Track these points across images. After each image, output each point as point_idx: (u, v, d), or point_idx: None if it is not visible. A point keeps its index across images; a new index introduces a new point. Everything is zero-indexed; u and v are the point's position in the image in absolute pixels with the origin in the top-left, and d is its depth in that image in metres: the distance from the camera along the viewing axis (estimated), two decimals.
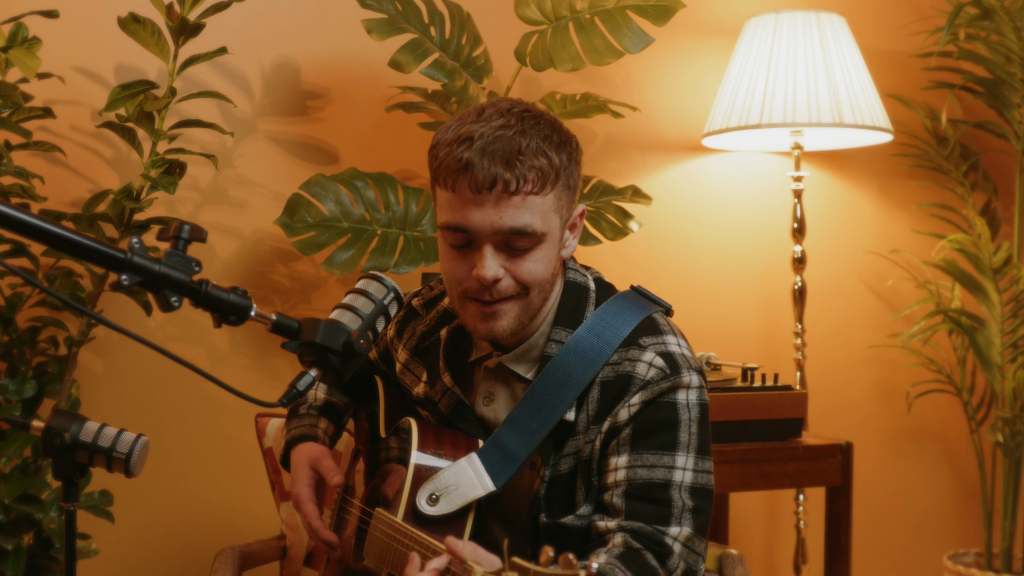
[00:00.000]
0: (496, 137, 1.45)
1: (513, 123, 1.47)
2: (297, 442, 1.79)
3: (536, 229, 1.47)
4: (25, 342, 2.36)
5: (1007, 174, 3.30)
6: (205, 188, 2.64)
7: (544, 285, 1.52)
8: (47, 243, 1.20)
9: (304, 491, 1.71)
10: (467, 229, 1.47)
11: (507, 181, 1.44)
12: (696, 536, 1.46)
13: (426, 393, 1.67)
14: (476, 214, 1.46)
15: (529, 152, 1.45)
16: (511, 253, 1.48)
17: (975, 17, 3.08)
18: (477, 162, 1.44)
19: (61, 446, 1.37)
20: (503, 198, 1.45)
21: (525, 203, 1.45)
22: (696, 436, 1.50)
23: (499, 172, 1.43)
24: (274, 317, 1.31)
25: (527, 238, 1.47)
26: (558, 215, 1.51)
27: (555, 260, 1.53)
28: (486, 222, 1.46)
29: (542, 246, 1.50)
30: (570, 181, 1.52)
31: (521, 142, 1.45)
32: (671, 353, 1.52)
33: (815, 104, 2.72)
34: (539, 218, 1.47)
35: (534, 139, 1.46)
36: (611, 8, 2.49)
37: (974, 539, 3.37)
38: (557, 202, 1.50)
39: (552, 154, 1.47)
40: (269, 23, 2.68)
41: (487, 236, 1.47)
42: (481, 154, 1.44)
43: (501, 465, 1.52)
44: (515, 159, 1.44)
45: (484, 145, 1.44)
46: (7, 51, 2.23)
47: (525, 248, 1.48)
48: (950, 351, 3.26)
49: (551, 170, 1.47)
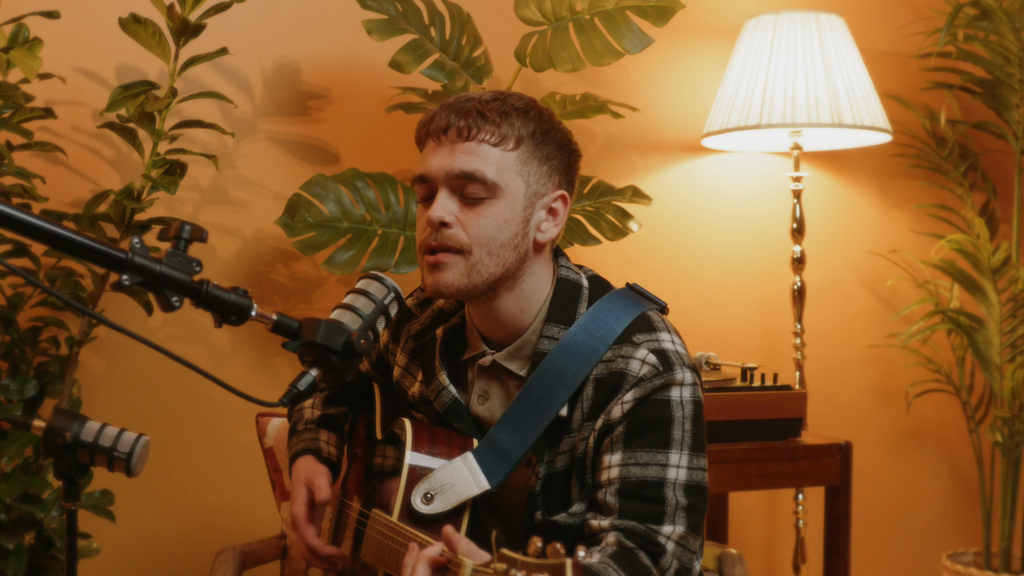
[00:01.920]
0: (467, 98, 1.55)
1: (493, 94, 1.56)
2: (298, 457, 1.79)
3: (486, 176, 1.50)
4: (26, 342, 2.37)
5: (1006, 174, 3.30)
6: (206, 188, 2.64)
7: (499, 249, 1.52)
8: (48, 243, 1.20)
9: (300, 511, 1.70)
10: (426, 176, 1.54)
11: (460, 128, 1.51)
12: (690, 534, 1.46)
13: (421, 393, 1.68)
14: (433, 160, 1.53)
15: (491, 109, 1.52)
16: (464, 202, 1.52)
17: (974, 18, 3.08)
18: (439, 113, 1.54)
19: (62, 446, 1.38)
20: (457, 142, 1.52)
21: (478, 149, 1.51)
22: (690, 433, 1.49)
23: (453, 119, 1.52)
24: (275, 317, 1.31)
25: (477, 184, 1.50)
26: (521, 179, 1.53)
27: (517, 226, 1.53)
28: (440, 165, 1.52)
29: (496, 202, 1.51)
30: (541, 153, 1.55)
31: (488, 100, 1.54)
32: (664, 350, 1.52)
33: (814, 104, 2.72)
34: (492, 168, 1.51)
35: (506, 103, 1.54)
36: (611, 9, 2.50)
37: (973, 538, 3.38)
38: (521, 165, 1.52)
39: (517, 118, 1.53)
40: (270, 24, 2.68)
41: (441, 180, 1.52)
42: (446, 109, 1.54)
43: (496, 464, 1.52)
44: (474, 109, 1.52)
45: (450, 103, 1.55)
46: (8, 52, 2.23)
47: (477, 197, 1.50)
48: (949, 351, 3.26)
49: (511, 129, 1.52)
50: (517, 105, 1.54)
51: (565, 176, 1.59)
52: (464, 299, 1.57)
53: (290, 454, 1.81)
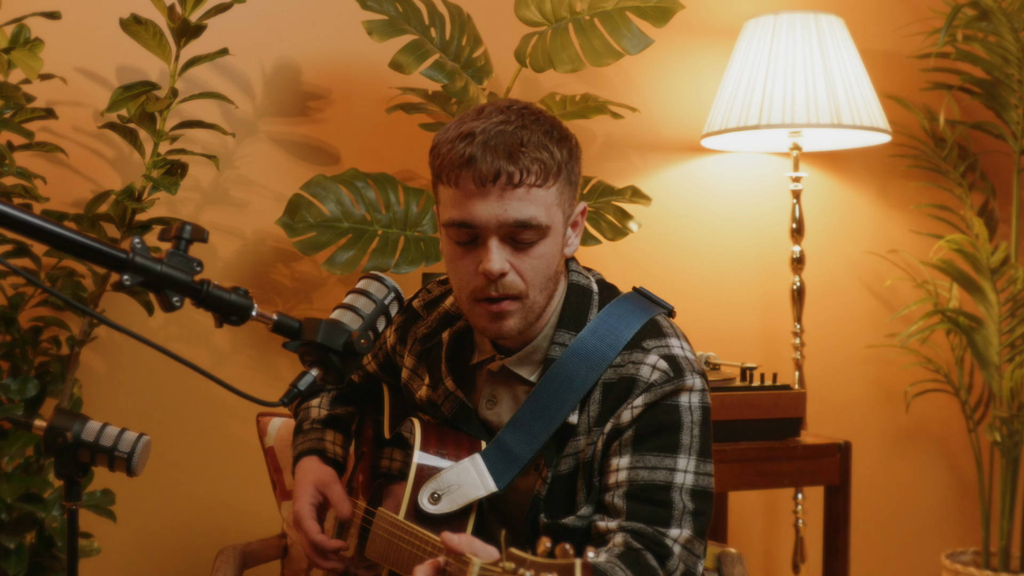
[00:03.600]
0: (498, 132, 1.46)
1: (513, 119, 1.48)
2: (303, 456, 1.79)
3: (541, 221, 1.47)
4: (27, 342, 2.37)
5: (1005, 175, 3.31)
6: (206, 188, 2.65)
7: (547, 283, 1.52)
8: (49, 243, 1.21)
9: (305, 508, 1.70)
10: (472, 224, 1.47)
11: (511, 173, 1.44)
12: (696, 538, 1.47)
13: (429, 396, 1.68)
14: (481, 207, 1.46)
15: (531, 145, 1.46)
16: (516, 247, 1.48)
17: (973, 18, 3.08)
18: (480, 156, 1.44)
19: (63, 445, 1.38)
20: (507, 190, 1.45)
21: (529, 195, 1.46)
22: (698, 439, 1.50)
23: (502, 165, 1.44)
24: (275, 317, 1.31)
25: (532, 231, 1.47)
26: (560, 210, 1.51)
27: (558, 257, 1.54)
28: (491, 215, 1.46)
29: (546, 240, 1.50)
30: (571, 176, 1.53)
31: (523, 135, 1.46)
32: (674, 356, 1.52)
33: (813, 105, 2.73)
34: (543, 211, 1.47)
35: (535, 133, 1.47)
36: (610, 9, 2.50)
37: (972, 538, 3.38)
38: (559, 196, 1.50)
39: (553, 148, 1.48)
40: (270, 24, 2.69)
41: (492, 229, 1.47)
42: (483, 148, 1.45)
43: (504, 466, 1.52)
44: (518, 151, 1.45)
45: (486, 140, 1.45)
46: (10, 52, 2.24)
47: (530, 241, 1.48)
48: (948, 351, 3.27)
49: (553, 163, 1.48)
50: (547, 129, 1.50)
51: (580, 187, 1.59)
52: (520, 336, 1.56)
53: (294, 453, 1.81)
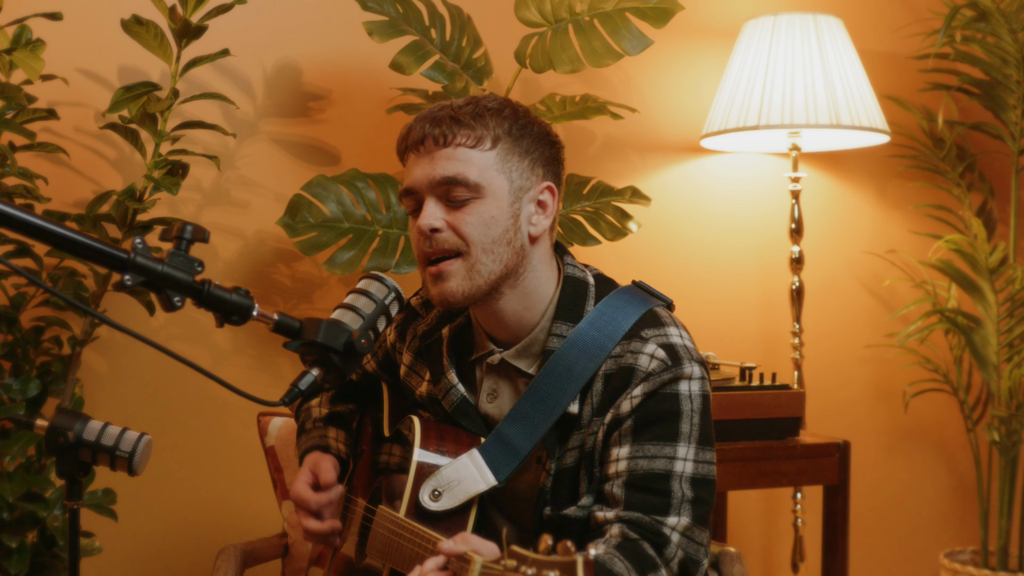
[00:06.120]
0: (438, 107, 1.57)
1: (463, 100, 1.58)
2: (307, 454, 1.80)
3: (468, 177, 1.52)
4: (29, 341, 2.38)
5: (1003, 175, 3.32)
6: (207, 189, 2.65)
7: (495, 247, 1.53)
8: (51, 243, 1.21)
9: (302, 490, 1.71)
10: (412, 188, 1.56)
11: (436, 136, 1.53)
12: (696, 526, 1.47)
13: (429, 392, 1.68)
14: (415, 171, 1.55)
15: (464, 113, 1.54)
16: (450, 205, 1.53)
17: (971, 19, 3.09)
18: (414, 126, 1.56)
19: (65, 445, 1.39)
20: (434, 151, 1.53)
21: (456, 153, 1.52)
22: (698, 427, 1.51)
23: (428, 128, 1.54)
24: (276, 317, 1.32)
25: (461, 187, 1.52)
26: (504, 176, 1.54)
27: (503, 223, 1.54)
28: (423, 175, 1.54)
29: (482, 201, 1.52)
30: (520, 148, 1.56)
31: (458, 104, 1.55)
32: (673, 345, 1.53)
33: (812, 105, 2.73)
34: (474, 170, 1.52)
35: (476, 105, 1.55)
36: (610, 10, 2.50)
37: (970, 537, 3.39)
38: (502, 163, 1.54)
39: (490, 118, 1.54)
40: (271, 25, 2.70)
41: (426, 189, 1.54)
42: (420, 120, 1.56)
43: (503, 459, 1.53)
44: (446, 116, 1.54)
45: (424, 115, 1.56)
46: (11, 53, 2.25)
47: (463, 199, 1.52)
48: (946, 350, 3.27)
49: (486, 130, 1.53)
50: (490, 106, 1.56)
51: (549, 168, 1.60)
52: (470, 304, 1.57)
53: (299, 452, 1.82)
